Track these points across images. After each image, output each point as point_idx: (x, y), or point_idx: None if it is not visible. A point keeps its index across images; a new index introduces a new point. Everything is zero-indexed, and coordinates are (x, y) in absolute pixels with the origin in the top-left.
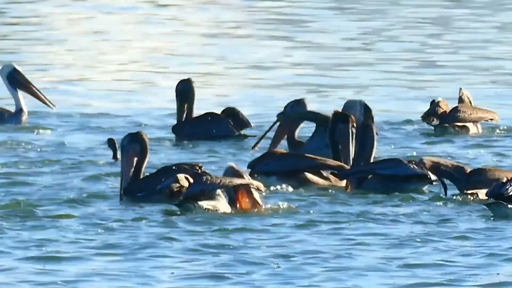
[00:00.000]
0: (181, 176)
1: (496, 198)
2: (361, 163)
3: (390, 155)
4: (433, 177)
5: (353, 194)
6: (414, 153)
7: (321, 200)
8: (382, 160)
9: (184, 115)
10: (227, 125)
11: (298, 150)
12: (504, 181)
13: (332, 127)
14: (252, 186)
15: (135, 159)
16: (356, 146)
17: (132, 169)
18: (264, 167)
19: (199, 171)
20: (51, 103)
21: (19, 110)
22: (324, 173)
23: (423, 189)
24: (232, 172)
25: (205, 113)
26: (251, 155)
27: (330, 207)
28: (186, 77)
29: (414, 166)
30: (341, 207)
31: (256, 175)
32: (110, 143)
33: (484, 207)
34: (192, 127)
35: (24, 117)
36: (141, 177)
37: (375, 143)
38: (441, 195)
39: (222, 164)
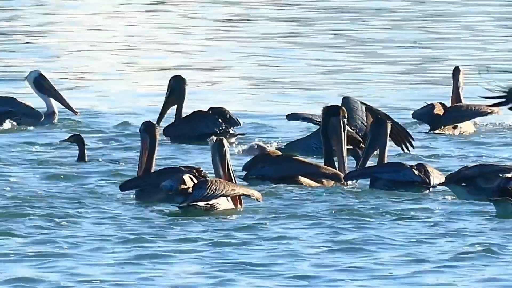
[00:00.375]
0: (186, 177)
1: (502, 194)
2: (366, 161)
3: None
4: (433, 182)
5: (350, 193)
6: (414, 153)
7: (319, 200)
8: (384, 164)
9: (175, 115)
10: (215, 121)
11: (292, 145)
12: (510, 176)
13: (324, 123)
14: (252, 197)
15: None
16: (366, 142)
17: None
18: (259, 172)
19: (197, 175)
20: (75, 109)
21: (52, 113)
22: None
23: (424, 193)
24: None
25: (192, 112)
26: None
27: (331, 207)
28: (178, 74)
29: (415, 170)
30: (343, 205)
31: (250, 178)
32: (77, 140)
33: (490, 203)
34: (180, 128)
35: (55, 119)
36: (152, 171)
37: (387, 140)
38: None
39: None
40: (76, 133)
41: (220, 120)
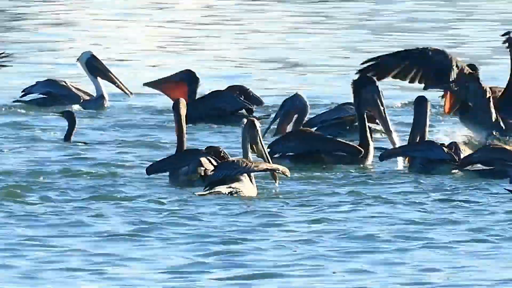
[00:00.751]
0: (204, 160)
1: None
2: (416, 139)
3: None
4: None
5: (369, 176)
6: (440, 135)
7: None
8: (416, 143)
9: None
10: (235, 99)
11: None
12: None
13: (356, 97)
14: (278, 171)
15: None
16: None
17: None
18: (281, 148)
19: (213, 156)
20: (129, 91)
21: (100, 96)
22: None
23: (452, 171)
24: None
25: (208, 93)
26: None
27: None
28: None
29: (445, 149)
30: (361, 188)
31: (275, 156)
32: (68, 116)
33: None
34: (195, 110)
35: (106, 104)
36: (184, 148)
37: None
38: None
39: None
40: (69, 109)
41: (239, 98)
